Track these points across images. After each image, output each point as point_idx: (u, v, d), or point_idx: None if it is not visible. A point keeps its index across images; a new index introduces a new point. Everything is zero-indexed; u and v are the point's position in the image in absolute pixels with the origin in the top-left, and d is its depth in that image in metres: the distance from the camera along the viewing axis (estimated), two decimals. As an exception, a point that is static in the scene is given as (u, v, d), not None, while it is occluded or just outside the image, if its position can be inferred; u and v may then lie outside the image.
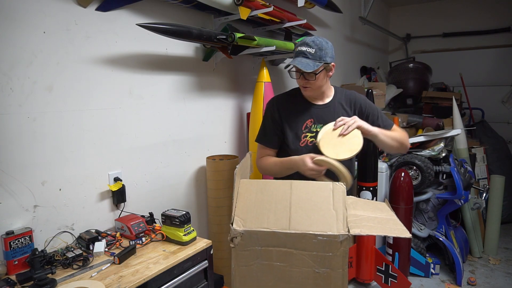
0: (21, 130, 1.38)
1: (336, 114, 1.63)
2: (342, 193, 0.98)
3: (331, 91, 1.71)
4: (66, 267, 1.34)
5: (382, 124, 1.67)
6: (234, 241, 0.93)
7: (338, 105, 1.67)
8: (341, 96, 1.70)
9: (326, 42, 1.57)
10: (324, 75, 1.59)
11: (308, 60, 1.52)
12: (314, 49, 1.53)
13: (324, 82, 1.62)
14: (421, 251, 2.95)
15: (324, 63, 1.54)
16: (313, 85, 1.59)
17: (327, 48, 1.55)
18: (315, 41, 1.55)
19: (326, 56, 1.55)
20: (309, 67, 1.50)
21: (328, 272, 0.93)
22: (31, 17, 1.38)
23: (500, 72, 5.09)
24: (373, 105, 1.72)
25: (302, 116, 1.66)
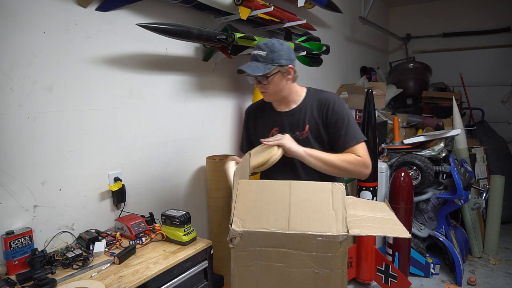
0: (21, 130, 1.38)
1: (301, 121, 1.53)
2: (342, 193, 0.98)
3: (298, 96, 1.58)
4: (66, 267, 1.34)
5: (342, 138, 1.48)
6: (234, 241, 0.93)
7: (305, 111, 1.54)
8: (313, 100, 1.56)
9: (280, 44, 1.47)
10: (279, 78, 1.48)
11: (259, 63, 1.44)
12: (265, 51, 1.44)
13: (282, 86, 1.50)
14: (421, 251, 2.95)
15: (278, 66, 1.44)
16: (269, 90, 1.50)
17: (280, 50, 1.45)
18: (267, 44, 1.46)
19: (280, 58, 1.44)
20: (258, 70, 1.42)
21: (327, 273, 0.93)
22: (31, 17, 1.38)
23: (500, 72, 5.09)
24: (345, 114, 1.50)
25: (269, 125, 1.60)
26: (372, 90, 2.66)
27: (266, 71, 1.42)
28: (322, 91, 1.61)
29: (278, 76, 1.48)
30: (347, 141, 1.48)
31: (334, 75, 4.03)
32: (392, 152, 3.13)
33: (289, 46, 1.50)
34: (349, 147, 1.47)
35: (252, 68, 1.43)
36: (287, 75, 1.50)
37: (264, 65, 1.43)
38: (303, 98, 1.57)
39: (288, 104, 1.58)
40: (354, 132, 1.49)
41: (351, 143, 1.47)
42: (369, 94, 2.61)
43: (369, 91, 2.62)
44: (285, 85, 1.51)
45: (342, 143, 1.48)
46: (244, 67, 1.44)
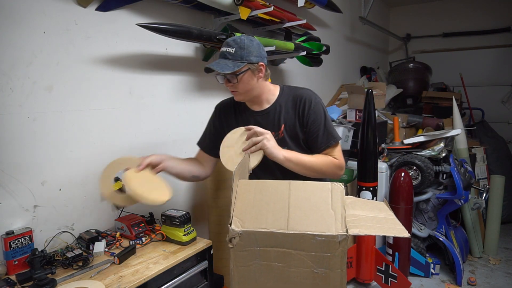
0: (21, 130, 1.38)
1: (277, 121, 1.48)
2: (341, 193, 0.98)
3: (272, 94, 1.52)
4: (66, 267, 1.34)
5: (320, 138, 1.45)
6: (233, 241, 0.93)
7: (280, 110, 1.49)
8: (288, 98, 1.50)
9: (250, 40, 1.40)
10: (250, 76, 1.41)
11: (227, 61, 1.37)
12: (234, 48, 1.37)
13: (252, 85, 1.43)
14: (421, 251, 2.95)
15: (247, 63, 1.38)
16: (239, 89, 1.42)
17: (250, 47, 1.38)
18: (235, 40, 1.39)
19: (250, 55, 1.37)
20: (227, 68, 1.34)
21: (326, 273, 0.93)
22: (31, 17, 1.38)
23: (500, 72, 5.09)
24: (322, 113, 1.47)
25: (242, 125, 1.49)
26: (372, 90, 2.66)
27: (235, 68, 1.35)
28: (297, 88, 1.55)
29: (248, 74, 1.41)
30: (324, 142, 1.45)
31: (334, 75, 4.03)
32: (392, 152, 3.13)
33: (259, 43, 1.44)
34: (326, 148, 1.46)
35: (220, 66, 1.36)
36: (257, 73, 1.43)
37: (233, 63, 1.36)
38: (277, 97, 1.52)
39: (261, 104, 1.52)
40: (331, 132, 1.47)
41: (329, 143, 1.46)
42: (369, 94, 2.61)
43: (369, 91, 2.62)
44: (256, 83, 1.44)
45: (320, 143, 1.46)
46: (212, 65, 1.36)
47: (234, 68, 1.35)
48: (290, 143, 1.48)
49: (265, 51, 1.46)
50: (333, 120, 3.07)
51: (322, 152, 1.46)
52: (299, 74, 3.27)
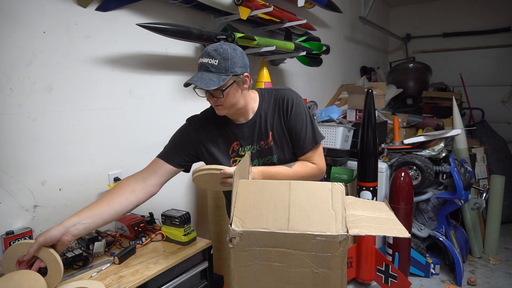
0: (21, 130, 1.38)
1: (264, 129, 1.40)
2: (341, 193, 0.98)
3: (255, 101, 1.42)
4: (66, 267, 1.34)
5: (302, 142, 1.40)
6: (233, 241, 0.93)
7: (265, 117, 1.41)
8: (269, 102, 1.42)
9: (233, 49, 1.27)
10: (236, 89, 1.29)
11: (211, 74, 1.23)
12: (217, 59, 1.23)
13: (238, 98, 1.32)
14: (421, 251, 2.95)
15: (232, 76, 1.25)
16: (224, 103, 1.30)
17: (234, 57, 1.25)
18: (217, 50, 1.24)
19: (235, 67, 1.25)
20: (212, 84, 1.21)
21: (327, 273, 0.93)
22: (31, 17, 1.38)
23: (500, 72, 5.09)
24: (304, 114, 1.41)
25: (227, 139, 1.43)
26: (372, 90, 2.66)
27: (221, 83, 1.22)
28: (275, 90, 1.46)
29: (233, 87, 1.28)
30: (306, 145, 1.41)
31: (334, 75, 4.03)
32: (392, 152, 3.13)
33: (242, 51, 1.32)
34: (307, 151, 1.42)
35: (205, 81, 1.21)
36: (243, 85, 1.32)
37: (218, 76, 1.23)
38: (259, 104, 1.42)
39: (246, 115, 1.41)
40: (312, 133, 1.42)
41: (310, 146, 1.42)
42: (369, 94, 2.61)
43: (369, 91, 2.62)
44: (241, 95, 1.33)
45: (302, 147, 1.42)
46: (193, 81, 1.22)
47: (219, 83, 1.22)
48: (280, 148, 1.42)
49: (247, 59, 1.35)
50: (333, 120, 3.07)
51: (304, 155, 1.44)
52: (299, 74, 3.27)
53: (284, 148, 1.43)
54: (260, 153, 1.43)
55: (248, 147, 1.42)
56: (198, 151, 1.46)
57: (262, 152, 1.43)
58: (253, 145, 1.42)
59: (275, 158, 1.43)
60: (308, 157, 1.43)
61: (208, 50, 1.26)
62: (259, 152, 1.43)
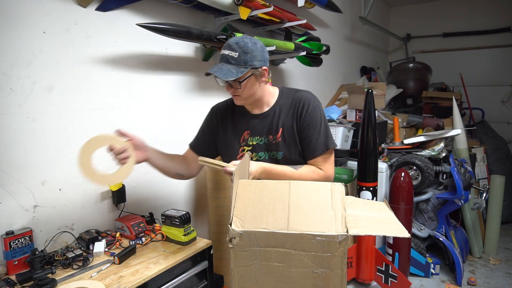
0: (21, 130, 1.38)
1: (275, 124, 1.44)
2: (341, 193, 0.98)
3: (272, 97, 1.48)
4: (66, 267, 1.34)
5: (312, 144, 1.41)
6: (233, 241, 0.93)
7: (279, 113, 1.45)
8: (287, 101, 1.46)
9: (254, 43, 1.34)
10: (253, 82, 1.36)
11: (230, 66, 1.31)
12: (237, 52, 1.30)
13: (255, 90, 1.39)
14: (421, 251, 2.95)
15: (251, 68, 1.32)
16: (241, 94, 1.38)
17: (254, 51, 1.32)
18: (239, 43, 1.31)
19: (254, 60, 1.32)
20: (230, 75, 1.28)
21: (326, 273, 0.93)
22: (31, 17, 1.38)
23: (500, 72, 5.09)
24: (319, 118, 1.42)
25: (239, 128, 1.49)
26: (372, 90, 2.66)
27: (239, 75, 1.29)
28: (296, 91, 1.50)
29: (251, 80, 1.35)
30: (316, 149, 1.41)
31: (334, 75, 4.03)
32: (392, 152, 3.13)
33: (263, 45, 1.38)
34: (316, 156, 1.42)
35: (224, 72, 1.29)
36: (260, 78, 1.38)
37: (236, 68, 1.30)
38: (276, 100, 1.48)
39: (261, 107, 1.48)
40: (325, 139, 1.42)
41: (320, 151, 1.41)
42: (369, 94, 2.61)
43: (369, 91, 2.62)
44: (259, 88, 1.40)
45: (311, 150, 1.42)
46: (214, 71, 1.31)
47: (237, 75, 1.29)
48: (287, 147, 1.44)
49: (267, 53, 1.42)
50: (333, 120, 3.07)
51: (313, 159, 1.43)
52: (299, 74, 3.27)
53: (291, 148, 1.44)
54: (268, 147, 1.46)
55: (257, 138, 1.46)
56: (216, 136, 1.56)
57: (269, 146, 1.45)
58: (262, 137, 1.46)
59: (280, 154, 1.44)
60: (317, 162, 1.43)
61: (230, 42, 1.33)
62: (267, 146, 1.46)
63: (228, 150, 1.51)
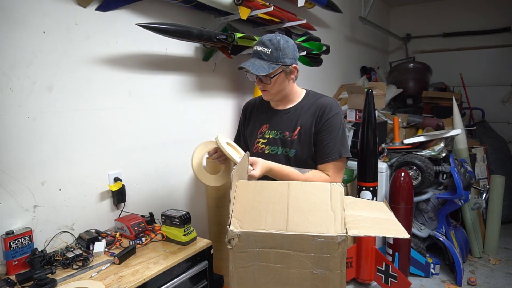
0: (20, 130, 1.38)
1: (294, 122, 1.47)
2: (340, 194, 0.98)
3: (298, 96, 1.53)
4: (66, 267, 1.34)
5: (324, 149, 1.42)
6: (232, 242, 0.93)
7: (300, 112, 1.48)
8: (311, 103, 1.49)
9: (286, 41, 1.40)
10: (283, 78, 1.43)
11: (262, 61, 1.37)
12: (270, 49, 1.37)
13: (284, 86, 1.46)
14: (421, 251, 2.95)
15: (282, 65, 1.39)
16: (270, 89, 1.44)
17: (286, 48, 1.38)
18: (272, 40, 1.38)
19: (285, 57, 1.38)
20: (262, 70, 1.35)
21: (326, 274, 0.93)
22: (31, 17, 1.38)
23: (500, 72, 5.09)
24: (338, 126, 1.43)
25: (260, 121, 1.57)
26: (372, 90, 2.66)
27: (270, 70, 1.35)
28: (321, 95, 1.53)
29: (281, 76, 1.42)
30: (329, 154, 1.42)
31: (334, 75, 4.03)
32: (392, 152, 3.13)
33: (294, 44, 1.44)
34: (328, 161, 1.42)
35: (256, 67, 1.35)
36: (290, 75, 1.45)
37: (268, 64, 1.36)
38: (301, 99, 1.53)
39: (285, 103, 1.53)
40: (340, 146, 1.42)
41: (332, 156, 1.41)
42: (369, 94, 2.61)
43: (369, 91, 2.62)
44: (287, 85, 1.47)
45: (324, 154, 1.42)
46: (247, 65, 1.36)
47: (269, 70, 1.35)
48: (302, 146, 1.46)
49: (298, 52, 1.47)
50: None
51: (324, 163, 1.44)
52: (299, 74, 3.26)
53: (304, 148, 1.46)
54: (282, 143, 1.49)
55: (274, 132, 1.51)
56: (244, 130, 1.67)
57: (284, 142, 1.48)
58: (278, 132, 1.50)
59: (293, 152, 1.47)
60: (327, 167, 1.44)
61: (263, 39, 1.40)
62: (282, 141, 1.49)
63: (250, 142, 1.61)
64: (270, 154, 1.50)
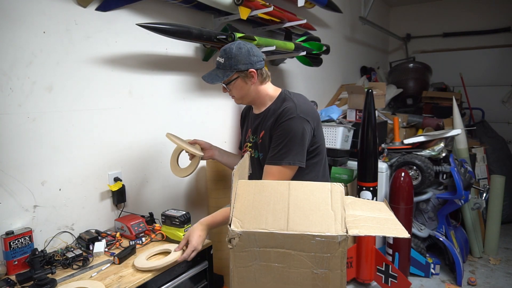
0: (20, 130, 1.38)
1: (260, 126, 1.53)
2: (341, 194, 0.98)
3: (270, 99, 1.55)
4: (66, 267, 1.34)
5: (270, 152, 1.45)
6: (232, 242, 0.93)
7: (266, 115, 1.52)
8: (277, 106, 1.50)
9: (238, 48, 1.44)
10: (241, 83, 1.48)
11: (218, 71, 1.47)
12: (223, 58, 1.45)
13: (246, 91, 1.50)
14: (421, 251, 2.95)
15: (236, 72, 1.45)
16: (235, 95, 1.53)
17: (238, 55, 1.43)
18: (225, 50, 1.45)
19: (238, 64, 1.43)
20: (217, 79, 1.45)
21: (326, 273, 0.93)
22: (31, 17, 1.38)
23: (500, 72, 5.09)
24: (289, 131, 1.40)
25: (247, 126, 1.68)
26: (372, 90, 2.66)
27: (224, 78, 1.44)
28: (288, 98, 1.50)
29: (239, 82, 1.48)
30: (270, 157, 1.43)
31: (334, 75, 4.03)
32: (392, 152, 3.13)
33: (250, 49, 1.45)
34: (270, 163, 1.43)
35: (212, 76, 1.46)
36: (250, 79, 1.48)
37: (223, 72, 1.45)
38: (272, 102, 1.54)
39: (259, 107, 1.59)
40: (285, 152, 1.40)
41: (272, 160, 1.42)
42: (369, 94, 2.61)
43: (369, 91, 2.62)
44: (250, 89, 1.51)
45: (268, 157, 1.44)
46: (204, 77, 1.49)
47: (223, 78, 1.44)
48: (265, 149, 1.51)
49: (257, 57, 1.47)
50: (333, 120, 3.07)
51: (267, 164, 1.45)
52: (299, 74, 3.27)
53: (267, 151, 1.49)
54: (255, 146, 1.57)
55: (252, 136, 1.59)
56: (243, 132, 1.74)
57: (256, 145, 1.56)
58: (254, 136, 1.59)
59: (261, 156, 1.53)
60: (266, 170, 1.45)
61: (221, 49, 1.48)
62: (255, 145, 1.57)
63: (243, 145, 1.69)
64: (253, 157, 1.59)
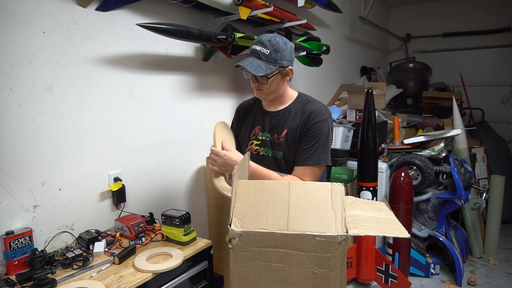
0: (21, 130, 1.38)
1: (281, 124, 1.49)
2: (341, 193, 0.98)
3: (289, 98, 1.54)
4: (66, 267, 1.34)
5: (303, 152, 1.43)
6: (232, 242, 0.93)
7: (288, 115, 1.49)
8: (300, 107, 1.50)
9: (284, 43, 1.40)
10: (279, 79, 1.44)
11: (260, 61, 1.37)
12: (269, 50, 1.37)
13: (279, 87, 1.46)
14: (421, 251, 2.95)
15: (279, 67, 1.39)
16: (265, 89, 1.44)
17: (284, 50, 1.39)
18: (271, 41, 1.38)
19: (283, 59, 1.39)
20: (260, 70, 1.35)
21: (326, 273, 0.93)
22: (31, 17, 1.38)
23: (500, 72, 5.09)
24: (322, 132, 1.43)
25: (253, 123, 1.58)
26: (372, 90, 2.66)
27: (268, 71, 1.36)
28: (312, 100, 1.53)
29: (277, 77, 1.43)
30: (306, 159, 1.41)
31: (334, 75, 4.03)
32: (392, 152, 3.13)
33: (292, 46, 1.45)
34: (303, 164, 1.42)
35: (254, 66, 1.35)
36: (286, 77, 1.46)
37: (266, 65, 1.37)
38: (292, 102, 1.53)
39: (277, 105, 1.54)
40: (320, 153, 1.42)
41: (309, 161, 1.41)
42: (369, 94, 2.61)
43: (369, 91, 2.62)
44: (281, 86, 1.48)
45: (302, 157, 1.43)
46: (245, 64, 1.37)
47: (266, 71, 1.36)
48: (287, 149, 1.48)
49: (294, 54, 1.48)
50: (333, 120, 3.07)
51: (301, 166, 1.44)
52: (299, 74, 3.27)
53: (290, 150, 1.47)
54: (272, 145, 1.51)
55: (265, 134, 1.53)
56: (237, 132, 1.66)
57: (273, 144, 1.51)
58: (268, 134, 1.53)
59: (280, 155, 1.49)
60: (303, 171, 1.43)
61: (263, 39, 1.39)
62: (271, 143, 1.52)
63: (242, 142, 1.62)
64: (263, 155, 1.53)
